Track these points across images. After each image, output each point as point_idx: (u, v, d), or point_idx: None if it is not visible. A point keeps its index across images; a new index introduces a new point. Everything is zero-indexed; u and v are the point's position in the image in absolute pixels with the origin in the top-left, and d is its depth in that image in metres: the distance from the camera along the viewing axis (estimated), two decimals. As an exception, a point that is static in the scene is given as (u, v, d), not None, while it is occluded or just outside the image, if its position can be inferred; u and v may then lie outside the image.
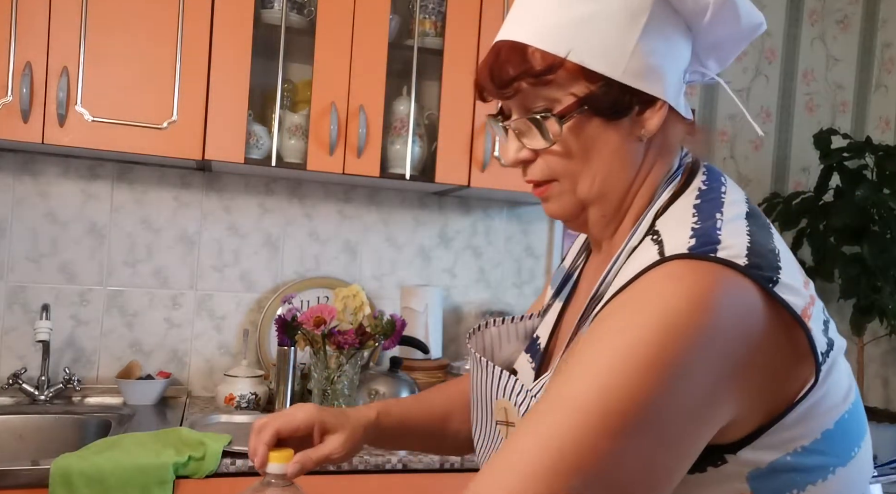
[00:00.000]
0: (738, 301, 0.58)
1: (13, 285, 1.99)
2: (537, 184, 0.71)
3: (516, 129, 0.69)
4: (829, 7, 2.70)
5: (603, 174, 0.68)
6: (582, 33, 0.64)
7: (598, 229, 0.73)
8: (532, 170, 0.70)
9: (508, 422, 0.72)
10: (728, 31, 0.71)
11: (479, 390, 0.78)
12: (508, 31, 0.67)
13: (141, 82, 1.74)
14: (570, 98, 0.65)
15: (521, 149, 0.69)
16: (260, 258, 2.17)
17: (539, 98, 0.66)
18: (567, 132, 0.66)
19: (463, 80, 1.95)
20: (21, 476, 1.41)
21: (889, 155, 2.36)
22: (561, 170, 0.68)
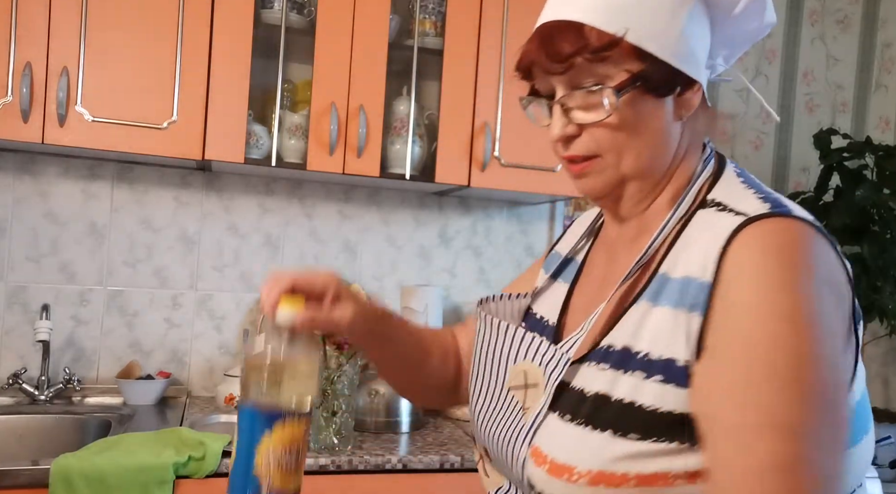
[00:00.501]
0: (829, 255, 0.64)
1: (13, 285, 1.99)
2: (577, 161, 0.72)
3: (564, 105, 0.71)
4: (829, 7, 2.70)
5: (649, 149, 0.71)
6: (637, 14, 0.67)
7: (632, 204, 0.76)
8: (576, 145, 0.72)
9: (528, 385, 0.73)
10: (749, 26, 0.75)
11: (491, 355, 0.80)
12: (560, 11, 0.69)
13: (141, 82, 1.74)
14: (622, 74, 0.68)
15: (567, 125, 0.71)
16: (260, 258, 2.17)
17: (591, 74, 0.69)
18: (622, 105, 0.69)
19: (463, 80, 1.95)
20: (21, 476, 1.41)
21: (889, 155, 2.36)
22: (608, 145, 0.70)
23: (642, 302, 0.69)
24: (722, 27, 0.74)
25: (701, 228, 0.69)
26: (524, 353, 0.76)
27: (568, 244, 0.91)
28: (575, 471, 0.64)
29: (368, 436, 1.78)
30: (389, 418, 1.84)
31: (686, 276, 0.66)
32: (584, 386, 0.68)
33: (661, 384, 0.63)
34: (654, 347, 0.65)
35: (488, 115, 1.96)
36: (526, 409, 0.73)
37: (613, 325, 0.70)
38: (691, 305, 0.64)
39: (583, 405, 0.67)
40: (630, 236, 0.77)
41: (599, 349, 0.70)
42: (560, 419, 0.68)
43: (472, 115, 1.96)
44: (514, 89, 1.99)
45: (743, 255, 0.62)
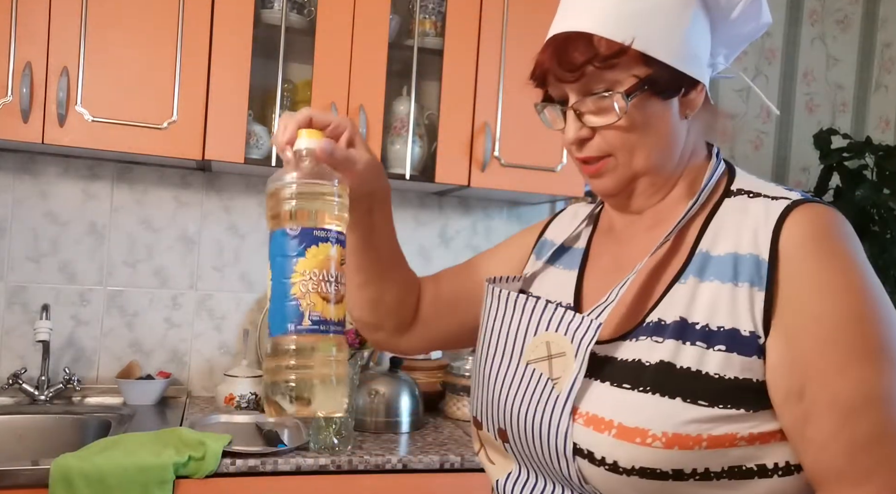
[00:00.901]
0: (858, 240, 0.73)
1: (13, 285, 1.99)
2: (591, 161, 0.77)
3: (577, 110, 0.75)
4: (829, 7, 2.70)
5: (658, 147, 0.76)
6: (642, 22, 0.72)
7: (645, 198, 0.80)
8: (589, 147, 0.76)
9: (552, 355, 0.76)
10: (746, 27, 0.79)
11: (505, 329, 0.82)
12: (572, 23, 0.74)
13: (141, 82, 1.74)
14: (631, 79, 0.73)
15: (581, 128, 0.75)
16: (260, 258, 2.17)
17: (601, 81, 0.73)
18: (631, 108, 0.73)
19: (463, 80, 1.95)
20: (21, 476, 1.41)
21: (889, 155, 2.36)
22: (619, 145, 0.75)
23: (689, 278, 0.73)
24: (721, 29, 0.79)
25: (736, 212, 0.75)
26: (546, 324, 0.78)
27: (560, 232, 0.94)
28: (649, 434, 0.67)
29: (368, 436, 1.78)
30: (389, 418, 1.84)
31: (734, 253, 0.71)
32: (639, 357, 0.71)
33: (724, 353, 0.68)
34: (712, 318, 0.70)
35: (488, 115, 1.96)
36: (555, 379, 0.74)
37: (658, 302, 0.74)
38: (748, 280, 0.69)
39: (643, 373, 0.70)
40: (647, 224, 0.82)
41: (648, 323, 0.73)
42: (613, 387, 0.71)
43: (472, 115, 1.96)
44: (515, 89, 2.00)
45: (799, 234, 0.69)
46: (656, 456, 0.67)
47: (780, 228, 0.70)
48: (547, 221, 0.99)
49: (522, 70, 0.79)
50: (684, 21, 0.74)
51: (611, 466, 0.68)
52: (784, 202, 0.72)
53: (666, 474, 0.67)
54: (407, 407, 1.86)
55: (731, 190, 0.78)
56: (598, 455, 0.69)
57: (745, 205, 0.75)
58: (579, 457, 0.70)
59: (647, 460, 0.67)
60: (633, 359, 0.72)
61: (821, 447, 0.66)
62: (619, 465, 0.68)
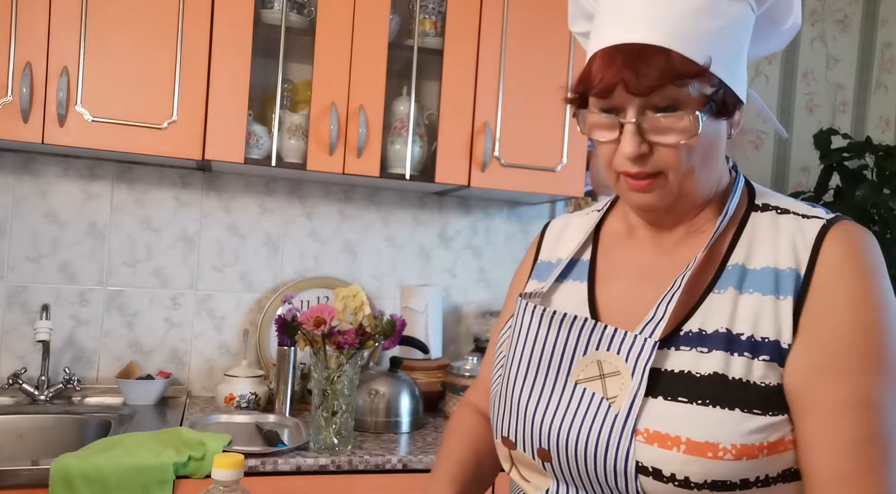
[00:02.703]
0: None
1: (13, 285, 1.99)
2: (640, 177, 0.75)
3: (639, 125, 0.72)
4: (829, 7, 2.70)
5: (709, 168, 0.76)
6: (717, 43, 0.71)
7: (681, 213, 0.80)
8: (647, 163, 0.74)
9: (605, 375, 0.75)
10: (765, 52, 0.83)
11: (549, 346, 0.81)
12: (644, 35, 0.70)
13: (141, 82, 1.74)
14: (700, 99, 0.71)
15: (641, 144, 0.73)
16: (260, 258, 2.17)
17: (668, 97, 0.71)
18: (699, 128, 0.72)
19: (463, 80, 1.95)
20: (21, 476, 1.41)
21: (889, 155, 2.36)
22: (675, 164, 0.73)
23: (727, 288, 0.75)
24: (750, 50, 0.79)
25: (767, 227, 0.77)
26: (595, 344, 0.77)
27: (558, 250, 0.93)
28: (720, 447, 0.68)
29: (368, 436, 1.78)
30: (389, 418, 1.84)
31: (773, 267, 0.74)
32: (688, 368, 0.72)
33: (766, 363, 0.71)
34: (756, 329, 0.72)
35: (488, 115, 1.96)
36: (611, 398, 0.73)
37: (693, 311, 0.75)
38: (789, 292, 0.72)
39: (697, 386, 0.71)
40: (676, 237, 0.82)
41: (688, 333, 0.74)
42: (669, 401, 0.71)
43: (472, 115, 1.96)
44: (515, 89, 2.00)
45: (836, 254, 0.72)
46: (728, 469, 0.68)
47: (818, 246, 0.73)
48: (535, 250, 0.97)
49: (523, 70, 0.79)
50: (745, 45, 0.75)
51: (681, 482, 0.69)
52: (818, 221, 0.75)
53: (735, 484, 0.68)
54: (407, 407, 1.86)
55: (757, 205, 0.80)
56: (666, 472, 0.69)
57: (776, 222, 0.77)
58: (642, 475, 0.70)
59: (719, 473, 0.68)
60: (682, 371, 0.72)
61: (807, 447, 0.70)
62: (690, 481, 0.68)
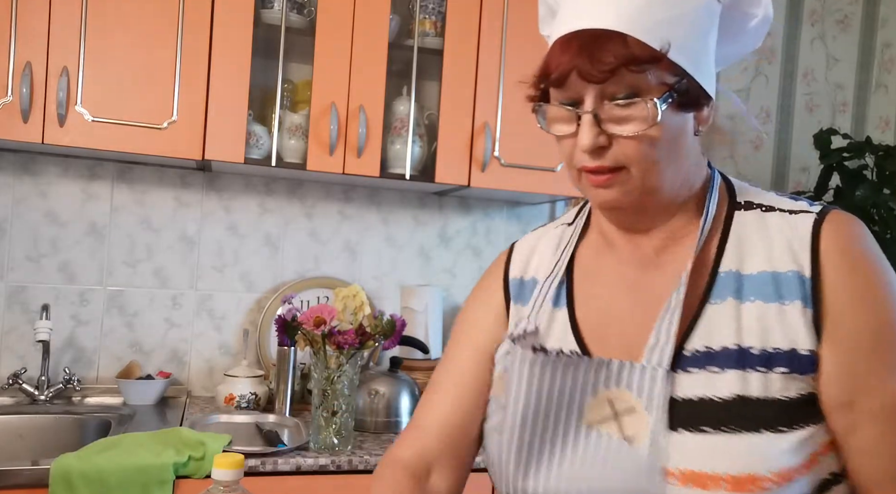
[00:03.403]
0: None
1: (13, 285, 1.99)
2: (602, 172, 0.70)
3: (597, 115, 0.68)
4: (829, 7, 2.70)
5: (673, 163, 0.72)
6: (676, 30, 0.67)
7: (653, 214, 0.76)
8: (606, 156, 0.69)
9: (619, 413, 0.70)
10: (742, 47, 0.78)
11: (552, 392, 0.74)
12: (601, 20, 0.67)
13: (141, 82, 1.74)
14: (660, 87, 0.68)
15: (599, 135, 0.68)
16: (260, 258, 2.17)
17: (626, 86, 0.67)
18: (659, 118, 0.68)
19: (463, 80, 1.95)
20: (21, 476, 1.41)
21: (889, 155, 2.36)
22: (636, 157, 0.69)
23: (726, 299, 0.70)
24: (724, 44, 0.76)
25: (755, 227, 0.73)
26: (603, 381, 0.72)
27: (530, 268, 0.86)
28: (762, 477, 0.64)
29: (368, 436, 1.78)
30: (389, 418, 1.84)
31: (770, 271, 0.70)
32: (703, 393, 0.68)
33: (784, 375, 0.67)
34: (765, 341, 0.68)
35: (488, 115, 1.96)
36: (629, 438, 0.69)
37: (692, 327, 0.71)
38: (796, 297, 0.68)
39: (719, 412, 0.67)
40: (656, 245, 0.77)
41: (695, 353, 0.69)
42: (692, 432, 0.67)
43: (472, 115, 1.96)
44: (514, 89, 2.00)
45: (836, 248, 0.69)
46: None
47: (816, 245, 0.70)
48: (503, 266, 0.89)
49: (522, 70, 0.77)
50: (710, 34, 0.71)
51: None
52: (807, 216, 0.72)
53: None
54: (407, 407, 1.86)
55: (739, 202, 0.76)
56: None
57: (763, 220, 0.73)
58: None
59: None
60: (698, 397, 0.68)
61: (865, 453, 0.67)
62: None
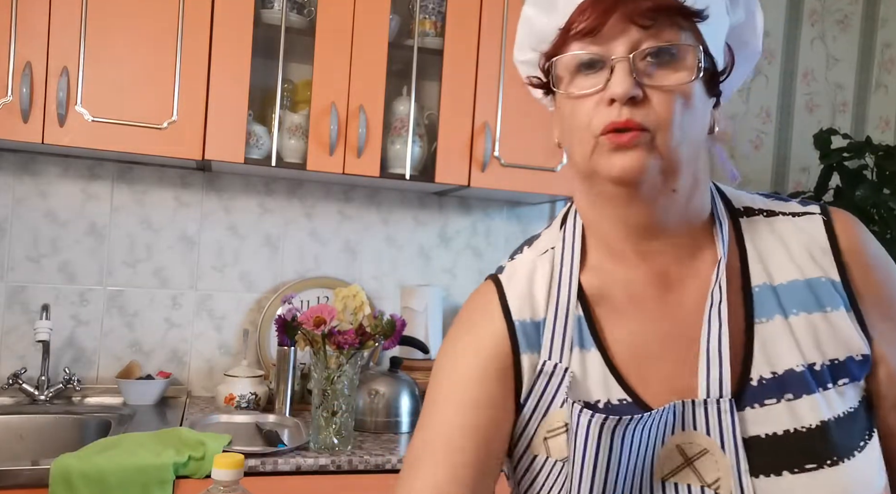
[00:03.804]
0: None
1: (13, 285, 1.99)
2: (630, 129, 0.63)
3: (633, 63, 0.62)
4: (829, 7, 2.70)
5: (693, 145, 0.65)
6: (712, 9, 0.64)
7: (664, 208, 0.67)
8: (636, 112, 0.62)
9: (692, 459, 0.66)
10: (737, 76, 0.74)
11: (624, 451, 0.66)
12: None
13: (141, 82, 1.74)
14: (694, 53, 0.63)
15: (635, 86, 0.62)
16: (260, 258, 2.17)
17: (664, 39, 0.62)
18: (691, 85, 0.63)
19: (463, 80, 1.95)
20: (21, 476, 1.41)
21: (889, 155, 2.36)
22: (667, 119, 0.62)
23: (774, 317, 0.67)
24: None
25: (765, 235, 0.71)
26: (670, 429, 0.66)
27: (536, 309, 0.73)
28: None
29: (368, 436, 1.78)
30: (389, 418, 1.84)
31: (803, 279, 0.68)
32: (789, 426, 0.64)
33: (848, 386, 0.66)
34: (823, 354, 0.66)
35: (488, 115, 1.96)
36: (713, 484, 0.64)
37: (747, 354, 0.66)
38: (836, 304, 0.67)
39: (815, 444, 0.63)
40: (670, 260, 0.70)
41: (762, 381, 0.65)
42: (798, 474, 0.63)
43: (472, 115, 1.96)
44: (515, 89, 2.00)
45: (854, 249, 0.69)
46: None
47: (836, 246, 0.69)
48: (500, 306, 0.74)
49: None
50: (723, 38, 0.68)
51: None
52: (812, 218, 0.71)
53: None
54: (407, 406, 1.86)
55: (738, 209, 0.73)
56: None
57: (772, 227, 0.71)
58: None
59: None
60: (786, 431, 0.64)
61: None
62: None
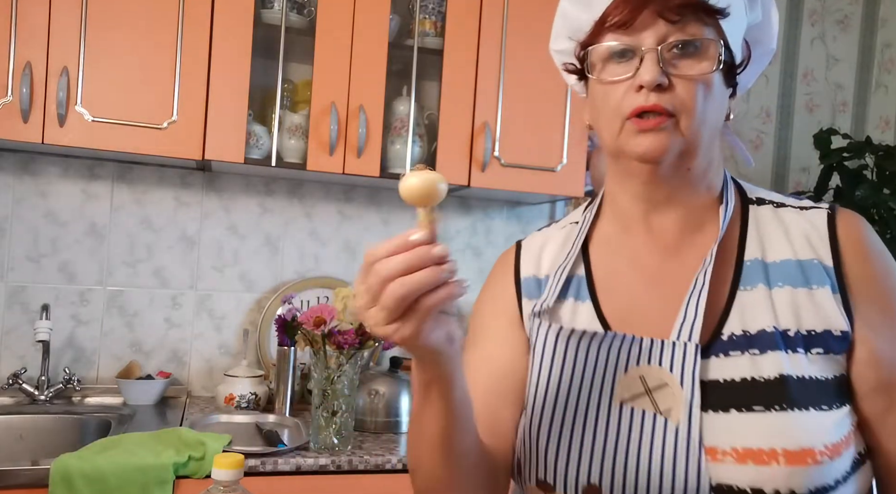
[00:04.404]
0: None
1: (13, 285, 1.99)
2: (656, 112, 0.70)
3: (661, 54, 0.70)
4: (829, 7, 2.70)
5: (712, 130, 0.74)
6: (730, 7, 0.72)
7: (679, 185, 0.76)
8: (663, 97, 0.70)
9: (651, 389, 0.71)
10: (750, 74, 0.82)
11: (584, 371, 0.75)
12: None
13: (141, 82, 1.74)
14: (716, 46, 0.72)
15: (662, 74, 0.70)
16: (260, 258, 2.17)
17: (689, 33, 0.71)
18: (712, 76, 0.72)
19: (463, 80, 1.95)
20: (21, 476, 1.41)
21: (889, 155, 2.36)
22: (691, 105, 0.71)
23: (757, 286, 0.73)
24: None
25: (770, 221, 0.77)
26: (635, 358, 0.73)
27: (542, 267, 0.85)
28: (816, 452, 0.66)
29: (368, 436, 1.78)
30: (389, 418, 1.84)
31: (795, 259, 0.74)
32: (747, 374, 0.69)
33: (821, 356, 0.70)
34: (800, 323, 0.71)
35: (488, 115, 1.96)
36: (665, 412, 0.70)
37: (725, 313, 0.73)
38: (822, 283, 0.72)
39: (768, 391, 0.68)
40: (677, 230, 0.78)
41: (731, 337, 0.71)
42: (746, 412, 0.68)
43: (472, 115, 1.96)
44: (515, 89, 2.00)
45: (853, 241, 0.73)
46: (826, 472, 0.66)
47: (835, 236, 0.74)
48: (512, 267, 0.88)
49: (523, 70, 0.78)
50: (741, 36, 0.77)
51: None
52: (819, 211, 0.76)
53: (831, 487, 0.67)
54: (407, 406, 1.86)
55: (751, 199, 0.80)
56: (768, 490, 0.65)
57: (778, 215, 0.78)
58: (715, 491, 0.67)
59: (821, 478, 0.66)
60: (743, 378, 0.69)
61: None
62: (796, 493, 0.65)
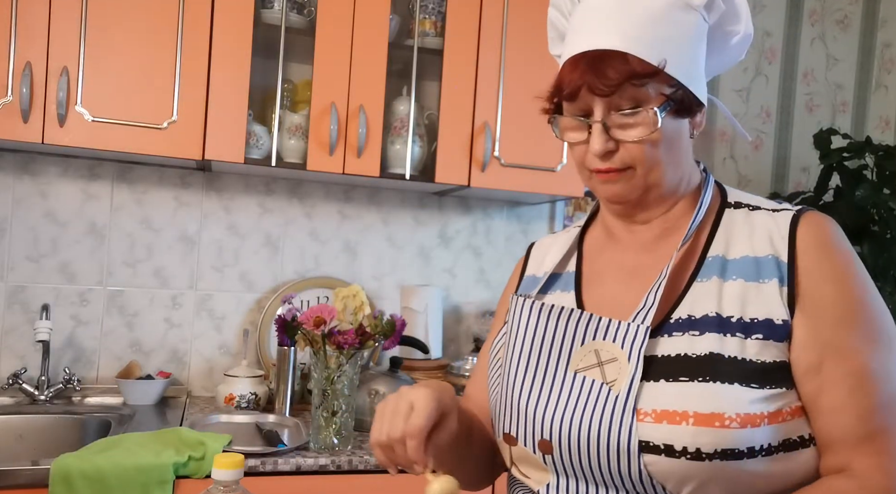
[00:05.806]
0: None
1: (13, 285, 1.99)
2: (610, 171, 0.82)
3: (605, 124, 0.80)
4: (829, 7, 2.70)
5: (673, 164, 0.83)
6: (670, 47, 0.79)
7: (654, 208, 0.87)
8: (613, 159, 0.81)
9: (603, 362, 0.81)
10: (728, 60, 0.90)
11: (546, 340, 0.86)
12: (604, 41, 0.79)
13: (141, 82, 1.74)
14: (659, 98, 0.79)
15: (608, 141, 0.80)
16: (260, 258, 2.17)
17: (630, 98, 0.79)
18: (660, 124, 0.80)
19: (463, 80, 1.95)
20: (21, 476, 1.41)
21: (889, 155, 2.36)
22: (641, 158, 0.81)
23: (711, 278, 0.82)
24: (712, 57, 0.88)
25: (742, 222, 0.85)
26: (592, 334, 0.83)
27: (544, 266, 0.99)
28: (725, 417, 0.74)
29: (368, 436, 1.78)
30: (389, 418, 1.84)
31: (752, 256, 0.81)
32: (683, 351, 0.78)
33: (761, 341, 0.77)
34: (744, 311, 0.78)
35: (488, 115, 1.96)
36: (611, 382, 0.79)
37: (679, 300, 0.82)
38: (773, 277, 0.79)
39: (696, 366, 0.77)
40: (655, 233, 0.88)
41: (678, 320, 0.80)
42: (672, 382, 0.77)
43: (472, 115, 1.96)
44: (515, 89, 2.00)
45: (810, 239, 0.80)
46: (735, 437, 0.73)
47: (794, 234, 0.80)
48: (521, 267, 1.04)
49: (523, 70, 0.81)
50: (699, 49, 0.83)
51: (693, 454, 0.73)
52: (788, 213, 0.83)
53: (742, 453, 0.73)
54: (407, 407, 1.86)
55: (730, 202, 0.88)
56: (678, 447, 0.74)
57: (750, 218, 0.85)
58: (650, 454, 0.75)
59: (727, 441, 0.73)
60: (678, 354, 0.78)
61: (832, 413, 0.76)
62: (702, 451, 0.73)
